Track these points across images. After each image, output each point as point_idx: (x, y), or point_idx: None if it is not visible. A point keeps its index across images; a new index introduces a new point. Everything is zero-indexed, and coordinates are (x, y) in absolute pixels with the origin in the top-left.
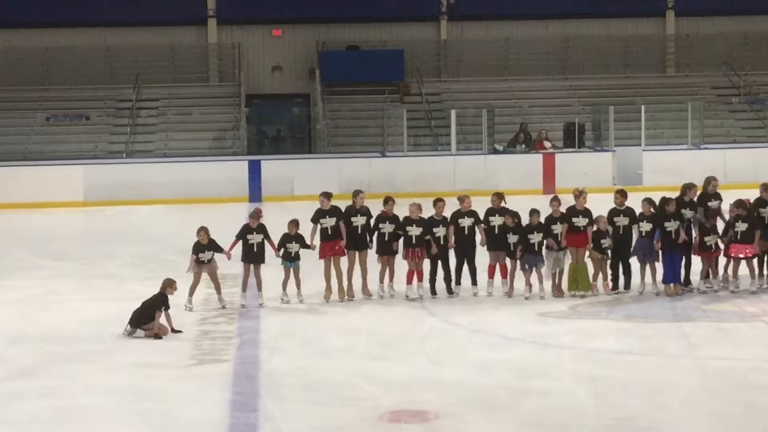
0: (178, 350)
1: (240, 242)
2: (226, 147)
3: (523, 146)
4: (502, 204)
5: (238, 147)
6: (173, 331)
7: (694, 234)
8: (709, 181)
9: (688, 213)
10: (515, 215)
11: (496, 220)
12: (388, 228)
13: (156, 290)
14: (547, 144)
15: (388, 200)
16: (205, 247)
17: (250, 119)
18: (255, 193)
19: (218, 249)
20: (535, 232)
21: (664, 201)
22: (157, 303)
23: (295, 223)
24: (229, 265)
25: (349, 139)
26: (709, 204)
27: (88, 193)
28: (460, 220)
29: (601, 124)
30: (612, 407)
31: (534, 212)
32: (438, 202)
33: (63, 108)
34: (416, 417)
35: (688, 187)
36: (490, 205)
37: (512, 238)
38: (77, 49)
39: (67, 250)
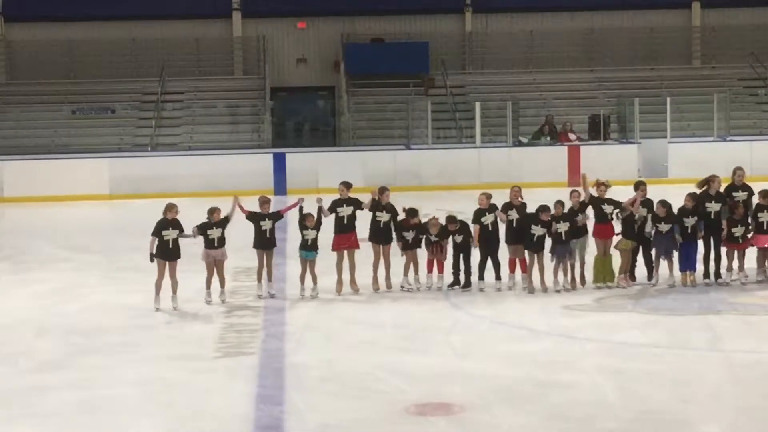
0: (203, 343)
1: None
2: (251, 140)
3: (548, 138)
4: (520, 199)
5: (263, 140)
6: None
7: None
8: (735, 171)
9: (714, 206)
10: (545, 209)
11: (514, 214)
12: (410, 235)
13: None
14: (572, 136)
15: (413, 213)
16: (214, 224)
17: (275, 112)
18: (280, 185)
19: (226, 221)
20: (561, 222)
21: (691, 196)
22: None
23: (311, 217)
24: (251, 258)
25: (373, 132)
26: (735, 195)
27: (114, 186)
28: (482, 219)
29: (626, 116)
30: (638, 400)
31: (558, 203)
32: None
33: (89, 101)
34: (441, 409)
35: (711, 180)
36: (508, 199)
37: (538, 231)
38: (103, 42)
39: (93, 242)
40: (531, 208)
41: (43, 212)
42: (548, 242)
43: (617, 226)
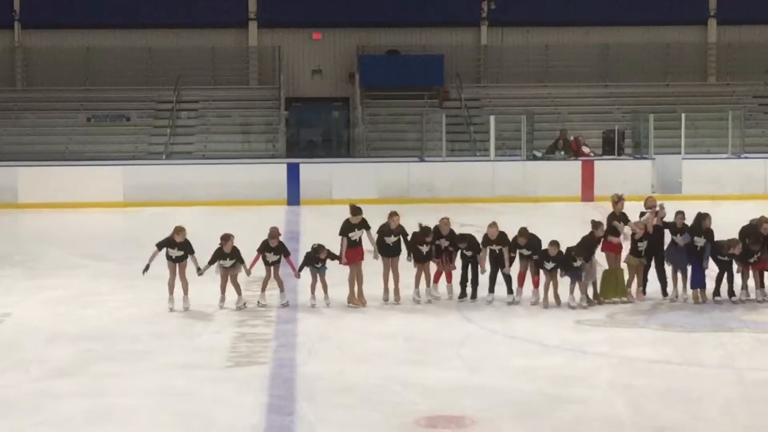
0: (215, 352)
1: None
2: (265, 150)
3: (562, 153)
4: (526, 241)
5: (277, 150)
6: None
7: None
8: (761, 223)
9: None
10: (556, 244)
11: (524, 251)
12: (425, 248)
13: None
14: (585, 149)
15: (426, 230)
16: (227, 255)
17: (290, 122)
18: (293, 196)
19: (240, 259)
20: (577, 259)
21: (701, 216)
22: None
23: (323, 250)
24: (263, 268)
25: (387, 144)
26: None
27: (128, 194)
28: (490, 248)
29: (640, 132)
30: (649, 417)
31: (553, 244)
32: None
33: (104, 109)
34: (452, 423)
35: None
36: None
37: (549, 265)
38: (118, 50)
39: (106, 250)
40: (543, 234)
41: (57, 219)
42: None
43: (625, 244)
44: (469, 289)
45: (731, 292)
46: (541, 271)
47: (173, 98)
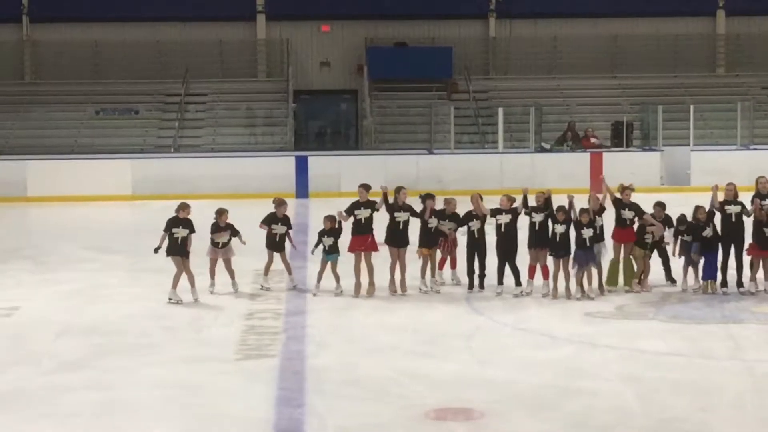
0: (224, 345)
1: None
2: (274, 142)
3: (570, 144)
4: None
5: (286, 143)
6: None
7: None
8: (758, 180)
9: (734, 208)
10: (563, 210)
11: (537, 217)
12: (433, 222)
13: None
14: (594, 140)
15: (430, 195)
16: (222, 228)
17: (298, 115)
18: (302, 188)
19: (235, 232)
20: (585, 228)
21: (695, 210)
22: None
23: (330, 219)
24: (276, 261)
25: (396, 136)
26: (763, 203)
27: (137, 187)
28: (498, 217)
29: (649, 124)
30: (659, 408)
31: (584, 211)
32: (474, 200)
33: (112, 102)
34: (461, 415)
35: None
36: (534, 203)
37: (559, 228)
38: (127, 43)
39: (115, 243)
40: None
41: (66, 212)
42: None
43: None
44: (476, 280)
45: (740, 283)
46: (550, 261)
47: (181, 91)
